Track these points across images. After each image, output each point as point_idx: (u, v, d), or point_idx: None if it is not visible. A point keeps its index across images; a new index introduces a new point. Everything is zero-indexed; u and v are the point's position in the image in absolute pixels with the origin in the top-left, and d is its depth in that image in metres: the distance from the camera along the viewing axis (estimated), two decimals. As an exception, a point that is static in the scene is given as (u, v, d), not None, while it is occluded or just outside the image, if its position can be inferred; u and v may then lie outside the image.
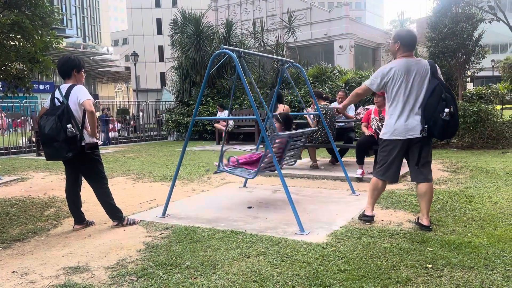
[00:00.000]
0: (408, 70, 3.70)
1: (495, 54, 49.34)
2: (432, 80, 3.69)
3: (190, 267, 3.03)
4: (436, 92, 3.63)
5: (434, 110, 3.60)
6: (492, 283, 2.63)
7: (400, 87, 3.72)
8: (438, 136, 3.69)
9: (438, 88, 3.64)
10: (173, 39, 17.87)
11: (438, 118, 3.58)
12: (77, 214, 4.25)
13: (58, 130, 3.79)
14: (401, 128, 3.72)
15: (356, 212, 4.49)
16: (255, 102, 13.54)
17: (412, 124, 3.70)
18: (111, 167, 8.98)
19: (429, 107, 3.63)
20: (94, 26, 69.79)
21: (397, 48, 3.82)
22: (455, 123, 3.65)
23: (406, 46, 3.79)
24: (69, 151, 3.85)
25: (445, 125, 3.59)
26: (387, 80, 3.77)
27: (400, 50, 3.81)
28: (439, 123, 3.59)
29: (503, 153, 8.98)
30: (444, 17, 11.86)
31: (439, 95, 3.61)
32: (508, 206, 4.51)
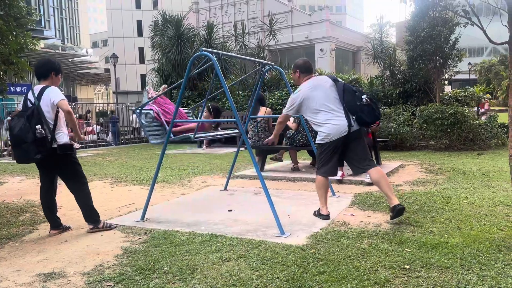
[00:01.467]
0: (315, 85, 4.22)
1: (472, 57, 50.44)
2: (337, 83, 4.23)
3: (169, 272, 2.99)
4: (347, 89, 4.14)
5: (354, 102, 4.05)
6: (468, 282, 2.67)
7: (316, 99, 4.15)
8: (370, 120, 4.10)
9: (346, 86, 4.18)
10: (153, 41, 17.75)
11: (361, 106, 4.03)
12: (53, 219, 4.15)
13: (27, 131, 3.71)
14: (334, 130, 4.07)
15: (336, 213, 4.51)
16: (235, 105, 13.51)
17: (342, 123, 4.06)
18: (89, 170, 8.83)
19: (349, 102, 4.08)
20: (73, 27, 68.72)
21: (298, 76, 4.42)
22: (376, 105, 4.13)
23: (305, 72, 4.39)
24: (37, 153, 3.75)
25: (371, 109, 4.04)
26: (301, 102, 4.22)
27: (301, 76, 4.39)
28: (365, 109, 4.03)
29: (480, 155, 9.17)
30: (422, 21, 12.09)
31: (351, 90, 4.13)
32: (484, 207, 4.60)
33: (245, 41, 17.16)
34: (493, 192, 5.31)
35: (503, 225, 3.85)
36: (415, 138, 10.96)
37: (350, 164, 4.34)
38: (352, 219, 4.27)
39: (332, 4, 69.59)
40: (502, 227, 3.81)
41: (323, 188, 4.30)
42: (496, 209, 4.47)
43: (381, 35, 14.62)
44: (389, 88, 13.39)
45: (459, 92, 13.58)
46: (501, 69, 47.60)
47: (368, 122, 4.13)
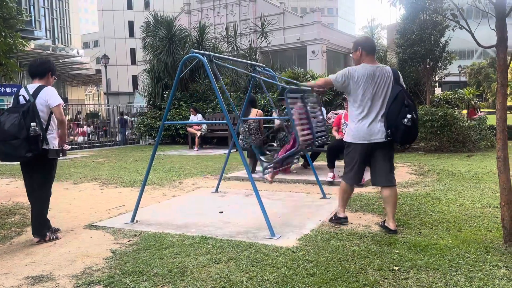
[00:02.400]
0: (373, 76, 3.78)
1: (462, 60, 50.97)
2: (395, 86, 3.79)
3: (158, 275, 2.98)
4: (399, 98, 3.72)
5: (396, 116, 3.69)
6: (456, 284, 2.69)
7: (364, 91, 3.79)
8: (399, 141, 3.79)
9: (400, 94, 3.73)
10: (145, 42, 17.66)
11: (400, 123, 3.67)
12: None
13: (21, 127, 3.60)
14: (364, 132, 3.81)
15: (327, 215, 4.52)
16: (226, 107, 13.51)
17: (375, 129, 3.78)
18: (80, 172, 8.77)
19: (392, 112, 3.72)
20: (64, 28, 68.19)
21: (359, 54, 3.92)
22: (415, 129, 3.76)
23: (369, 52, 3.88)
24: (29, 151, 3.65)
25: (407, 131, 3.68)
26: (351, 82, 3.83)
27: (363, 56, 3.90)
28: (401, 129, 3.68)
29: (469, 157, 9.26)
30: (412, 24, 12.19)
31: (401, 101, 3.70)
32: (473, 208, 4.64)
33: (237, 43, 17.15)
34: (482, 194, 5.36)
35: (491, 227, 3.89)
36: (406, 140, 11.02)
37: (372, 172, 4.03)
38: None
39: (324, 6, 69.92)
40: (490, 228, 3.85)
41: (343, 194, 4.11)
42: (484, 211, 4.51)
43: (372, 38, 14.71)
44: (380, 90, 13.45)
45: (449, 94, 13.69)
46: (490, 72, 48.14)
47: (398, 142, 3.80)
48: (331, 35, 25.64)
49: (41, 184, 3.95)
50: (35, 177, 3.94)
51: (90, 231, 4.25)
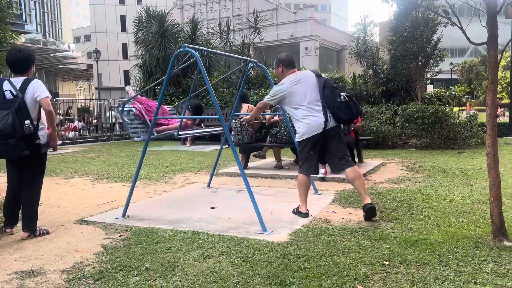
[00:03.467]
0: (298, 80, 4.22)
1: (454, 57, 51.27)
2: (319, 79, 4.25)
3: (150, 269, 2.98)
4: (327, 85, 4.16)
5: (333, 98, 4.09)
6: (445, 278, 2.72)
7: (297, 94, 4.17)
8: (346, 118, 4.12)
9: (327, 81, 4.20)
10: (137, 36, 17.56)
11: (340, 103, 4.06)
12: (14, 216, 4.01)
13: (15, 126, 3.51)
14: (313, 125, 4.11)
15: (318, 211, 4.55)
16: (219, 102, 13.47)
17: (318, 120, 4.10)
18: (70, 167, 8.72)
19: (327, 97, 4.12)
20: (54, 22, 67.49)
21: (281, 70, 4.41)
22: (354, 103, 4.15)
23: (289, 66, 4.39)
24: (26, 149, 3.60)
25: (348, 107, 4.06)
26: (283, 95, 4.24)
27: (285, 71, 4.39)
28: (342, 106, 4.06)
29: (459, 153, 9.34)
30: (405, 21, 12.24)
31: (331, 86, 4.16)
32: (463, 204, 4.69)
33: (230, 38, 17.12)
34: (472, 190, 5.42)
35: (481, 222, 3.94)
36: (397, 136, 11.10)
37: (328, 161, 4.40)
38: (334, 216, 4.31)
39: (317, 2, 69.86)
40: (480, 224, 3.89)
41: (303, 186, 4.32)
42: (474, 207, 4.56)
43: (365, 35, 14.75)
44: (372, 87, 13.52)
45: (440, 91, 13.79)
46: (481, 70, 48.50)
47: (344, 119, 4.15)
48: (324, 31, 25.66)
49: (33, 179, 3.91)
50: (27, 172, 3.89)
51: (81, 226, 4.23)
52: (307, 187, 4.37)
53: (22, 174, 3.90)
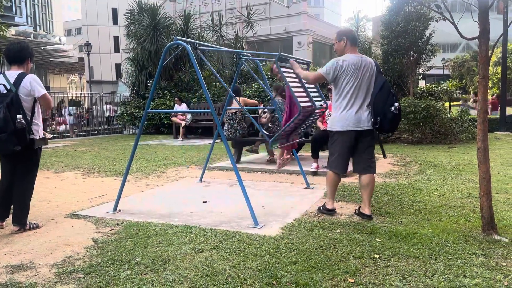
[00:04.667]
0: (358, 65, 3.85)
1: (446, 53, 51.51)
2: (379, 76, 3.91)
3: (141, 263, 2.97)
4: (385, 88, 3.86)
5: (384, 104, 3.80)
6: (435, 271, 2.74)
7: (351, 81, 3.85)
8: (387, 128, 3.89)
9: (386, 84, 3.89)
10: (128, 29, 17.39)
11: (388, 111, 3.78)
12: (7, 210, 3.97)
13: (7, 120, 3.48)
14: (352, 120, 3.87)
15: (310, 205, 4.56)
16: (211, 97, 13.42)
17: (362, 117, 3.87)
18: (61, 161, 8.65)
19: (379, 101, 3.83)
20: (45, 14, 66.67)
21: (343, 44, 3.98)
22: (400, 117, 3.90)
23: (352, 42, 3.97)
24: (17, 144, 3.56)
25: (394, 118, 3.81)
26: (340, 73, 3.87)
27: (348, 46, 3.97)
28: (388, 116, 3.80)
29: (450, 148, 9.41)
30: (398, 16, 12.27)
31: (388, 91, 3.86)
32: (453, 198, 4.73)
33: (223, 32, 17.04)
34: (462, 185, 5.46)
35: (471, 216, 3.97)
36: (389, 131, 11.13)
37: (355, 160, 4.09)
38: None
39: (310, -3, 69.66)
40: (470, 218, 3.92)
41: (330, 183, 4.11)
42: (464, 201, 4.60)
43: (358, 29, 14.77)
44: (365, 81, 13.53)
45: (432, 86, 13.86)
46: (473, 65, 48.79)
47: (385, 129, 3.90)
48: (318, 26, 25.62)
49: (26, 174, 3.88)
50: (20, 167, 3.86)
51: (72, 220, 4.20)
52: (334, 184, 4.13)
53: (16, 169, 3.86)
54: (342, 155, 3.99)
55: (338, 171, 4.06)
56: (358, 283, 2.59)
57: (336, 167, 4.04)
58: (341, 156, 3.99)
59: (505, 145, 10.08)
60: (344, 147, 3.96)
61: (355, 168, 4.10)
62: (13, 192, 3.87)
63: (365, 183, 3.99)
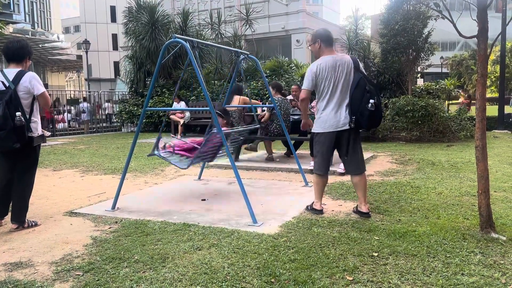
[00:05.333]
0: (333, 66, 3.88)
1: (444, 51, 51.53)
2: (355, 73, 3.90)
3: (139, 261, 2.97)
4: (360, 85, 3.84)
5: (360, 102, 3.80)
6: (433, 269, 2.75)
7: (327, 82, 3.89)
8: (365, 126, 3.89)
9: (362, 81, 3.86)
10: (127, 27, 17.35)
11: (364, 109, 3.78)
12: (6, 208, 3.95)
13: (6, 117, 3.47)
14: (332, 121, 3.91)
15: (309, 203, 4.55)
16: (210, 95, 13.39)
17: (341, 117, 3.89)
18: (60, 159, 8.64)
19: (355, 99, 3.84)
20: (43, 12, 66.38)
21: (318, 47, 4.01)
22: (379, 112, 3.86)
23: (327, 43, 3.99)
24: (16, 141, 3.55)
25: (371, 116, 3.79)
26: (317, 79, 3.93)
27: (322, 48, 4.00)
28: (365, 114, 3.80)
29: (449, 146, 9.42)
30: (396, 14, 12.24)
31: (363, 88, 3.82)
32: (451, 197, 4.74)
33: (221, 30, 17.01)
34: (460, 183, 5.47)
35: (469, 214, 3.98)
36: (387, 129, 11.15)
37: (342, 160, 4.16)
38: (324, 208, 4.31)
39: (309, -5, 69.55)
40: (468, 216, 3.94)
41: (316, 185, 4.14)
42: (462, 199, 4.61)
43: (356, 28, 14.73)
44: (363, 80, 13.51)
45: (430, 85, 13.85)
46: (471, 64, 48.83)
47: (363, 127, 3.90)
48: (316, 24, 25.58)
49: (25, 171, 3.87)
50: (19, 165, 3.85)
51: (70, 218, 4.20)
52: (321, 185, 4.14)
53: (15, 167, 3.85)
54: (322, 156, 4.03)
55: (319, 172, 4.09)
56: (357, 281, 2.60)
57: (318, 168, 4.09)
58: (321, 157, 4.04)
59: (503, 143, 10.10)
60: (323, 148, 4.00)
61: (347, 169, 4.16)
62: (12, 190, 3.86)
63: (356, 181, 4.04)
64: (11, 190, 3.87)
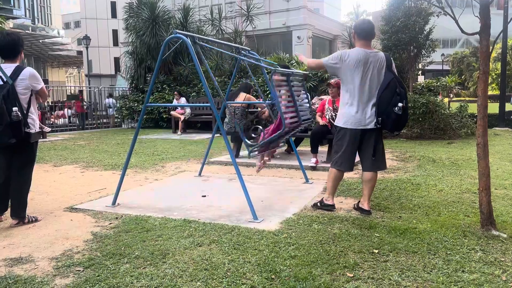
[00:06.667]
0: (365, 61, 3.74)
1: (445, 48, 51.46)
2: (387, 73, 3.76)
3: (140, 257, 2.97)
4: (391, 86, 3.70)
5: (388, 104, 3.68)
6: (433, 266, 2.75)
7: (356, 76, 3.75)
8: (390, 129, 3.78)
9: (392, 82, 3.72)
10: (127, 23, 17.30)
11: (391, 111, 3.67)
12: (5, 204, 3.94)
13: (2, 113, 3.45)
14: (355, 118, 3.80)
15: (309, 199, 4.56)
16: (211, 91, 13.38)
17: (366, 115, 3.79)
18: (60, 155, 8.63)
19: (383, 100, 3.71)
20: (44, 7, 66.22)
21: (354, 37, 3.90)
22: (406, 117, 3.75)
23: (361, 36, 3.83)
24: (12, 137, 3.54)
25: (398, 119, 3.69)
26: (342, 66, 3.79)
27: (356, 40, 3.87)
28: (392, 117, 3.68)
29: (449, 144, 9.41)
30: (397, 11, 12.21)
31: (393, 89, 3.70)
32: (452, 194, 4.73)
33: (222, 26, 16.96)
34: (461, 180, 5.47)
35: (469, 212, 3.98)
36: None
37: (361, 157, 4.05)
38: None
39: (310, -9, 69.21)
40: (468, 213, 3.93)
41: (331, 181, 4.05)
42: (463, 196, 4.61)
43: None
44: (364, 76, 13.49)
45: (431, 82, 13.84)
46: (472, 61, 48.77)
47: (388, 129, 3.81)
48: (317, 20, 25.53)
49: (22, 167, 3.85)
50: (17, 160, 3.83)
51: (70, 213, 4.20)
52: (336, 182, 4.07)
53: (12, 162, 3.84)
54: (346, 153, 3.90)
55: (342, 169, 3.99)
56: (357, 277, 2.60)
57: (340, 165, 3.95)
58: (345, 153, 3.91)
59: (503, 141, 10.09)
60: (343, 143, 3.89)
61: (362, 165, 4.03)
62: (10, 187, 3.85)
63: (367, 179, 3.96)
64: (9, 186, 3.85)
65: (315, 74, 12.78)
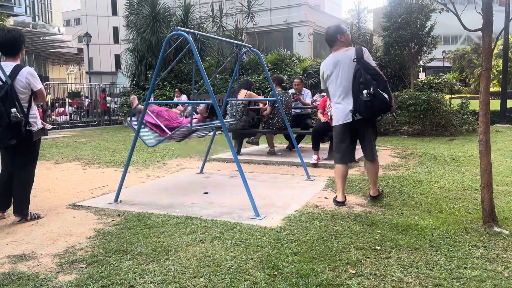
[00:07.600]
0: (334, 63, 4.10)
1: (446, 45, 51.29)
2: (355, 66, 3.98)
3: (143, 254, 2.98)
4: (356, 77, 3.95)
5: (357, 94, 3.93)
6: (436, 263, 2.75)
7: (332, 80, 4.13)
8: (367, 116, 3.96)
9: (358, 73, 3.94)
10: (128, 20, 17.28)
11: (361, 100, 3.88)
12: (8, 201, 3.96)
13: (1, 114, 3.44)
14: (341, 114, 4.11)
15: (311, 196, 4.56)
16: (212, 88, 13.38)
17: (346, 110, 4.05)
18: (61, 152, 8.65)
19: (354, 92, 3.97)
20: (44, 4, 66.13)
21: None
22: (379, 101, 3.84)
23: (327, 43, 4.30)
24: (12, 138, 3.54)
25: (369, 105, 3.85)
26: (325, 77, 4.21)
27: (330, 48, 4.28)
28: (362, 105, 3.89)
29: (451, 140, 9.41)
30: (399, 7, 12.19)
31: (358, 80, 3.93)
32: (453, 190, 4.73)
33: (223, 23, 16.93)
34: (463, 177, 5.47)
35: (471, 208, 3.98)
36: (389, 123, 11.13)
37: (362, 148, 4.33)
38: (326, 202, 4.33)
39: (311, -12, 68.99)
40: (470, 210, 3.93)
41: (335, 176, 4.29)
42: (465, 193, 4.61)
43: (359, 21, 14.67)
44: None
45: (433, 79, 13.82)
46: (473, 58, 48.65)
47: (364, 116, 3.96)
48: (318, 17, 25.47)
49: (25, 165, 3.86)
50: (19, 158, 3.84)
51: (73, 210, 4.21)
52: (342, 176, 4.23)
53: (15, 160, 3.84)
54: (341, 147, 4.22)
55: (341, 163, 4.23)
56: (359, 274, 2.60)
57: (339, 159, 4.24)
58: (340, 148, 4.22)
59: (505, 137, 10.08)
60: (336, 139, 4.23)
61: (364, 154, 4.34)
62: (13, 184, 3.86)
63: (366, 167, 4.37)
64: (12, 183, 3.86)
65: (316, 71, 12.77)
